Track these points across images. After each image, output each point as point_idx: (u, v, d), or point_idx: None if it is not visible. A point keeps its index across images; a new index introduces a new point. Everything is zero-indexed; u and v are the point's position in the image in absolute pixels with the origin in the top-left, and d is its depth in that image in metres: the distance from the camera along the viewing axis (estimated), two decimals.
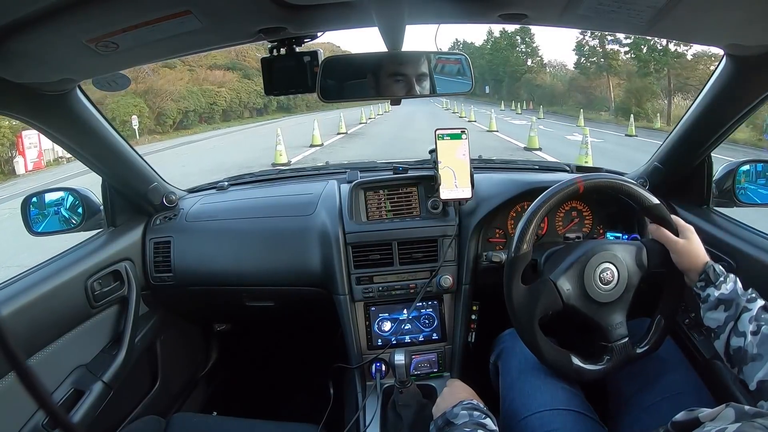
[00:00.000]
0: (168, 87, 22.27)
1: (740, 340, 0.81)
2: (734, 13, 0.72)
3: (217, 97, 25.96)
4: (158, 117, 21.46)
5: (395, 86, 1.01)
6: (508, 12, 0.80)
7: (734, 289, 0.86)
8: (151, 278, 1.41)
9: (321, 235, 1.36)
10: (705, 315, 0.89)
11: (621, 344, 0.98)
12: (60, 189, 1.33)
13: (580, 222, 1.41)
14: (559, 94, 33.61)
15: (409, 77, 1.01)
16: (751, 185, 1.25)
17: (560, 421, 0.91)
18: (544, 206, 0.96)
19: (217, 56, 29.25)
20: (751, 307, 0.83)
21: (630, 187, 0.97)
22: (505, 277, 0.97)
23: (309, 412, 1.22)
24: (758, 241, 1.09)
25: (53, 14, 0.63)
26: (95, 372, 1.16)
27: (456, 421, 0.83)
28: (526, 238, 0.96)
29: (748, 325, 0.81)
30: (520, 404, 0.98)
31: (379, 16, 0.79)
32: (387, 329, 1.34)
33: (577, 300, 0.96)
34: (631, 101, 23.71)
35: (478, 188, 1.34)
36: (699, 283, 0.91)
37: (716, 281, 0.88)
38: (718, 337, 0.86)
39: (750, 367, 0.77)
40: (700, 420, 0.63)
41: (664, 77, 23.99)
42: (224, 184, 1.67)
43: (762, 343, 0.77)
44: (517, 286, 0.96)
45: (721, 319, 0.85)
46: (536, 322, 0.96)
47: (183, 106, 22.79)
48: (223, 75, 28.59)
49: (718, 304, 0.87)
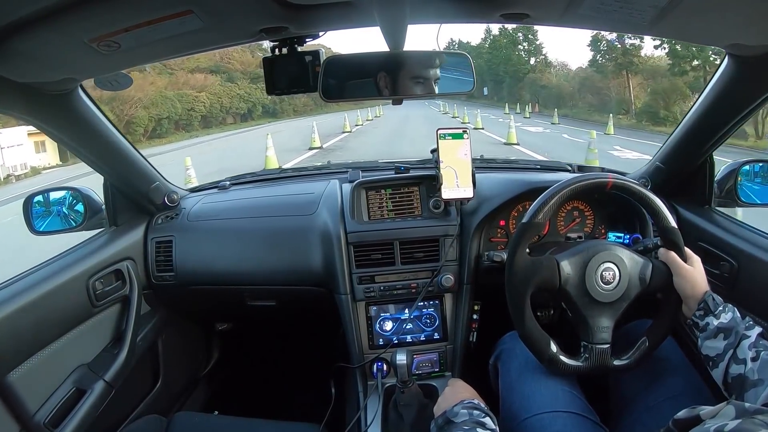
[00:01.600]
0: (137, 93, 21.11)
1: (740, 367, 0.81)
2: (736, 13, 0.72)
3: (195, 102, 24.58)
4: (127, 126, 20.12)
5: (397, 86, 1.01)
6: (510, 12, 0.80)
7: (734, 318, 0.87)
8: (153, 277, 1.41)
9: (322, 234, 1.36)
10: (703, 344, 0.89)
11: (600, 348, 0.98)
12: (62, 188, 1.33)
13: (582, 222, 1.41)
14: (567, 96, 30.95)
15: (410, 77, 1.01)
16: (752, 185, 1.24)
17: (560, 423, 0.91)
18: (570, 188, 0.98)
19: (200, 59, 28.13)
20: (749, 334, 0.84)
21: (655, 201, 0.98)
22: (512, 242, 0.98)
23: (310, 412, 1.22)
24: (760, 241, 1.09)
25: (55, 14, 0.63)
26: (97, 371, 1.17)
27: (456, 420, 0.83)
28: (544, 209, 0.97)
29: (748, 351, 0.81)
30: (519, 406, 0.98)
31: (381, 15, 0.79)
32: (388, 329, 1.34)
33: (573, 287, 0.97)
34: (659, 103, 20.72)
35: (479, 188, 1.34)
36: (698, 312, 0.91)
37: (715, 310, 0.89)
38: (717, 365, 0.86)
39: (751, 393, 0.77)
40: (701, 417, 0.63)
41: (701, 77, 20.05)
42: (226, 184, 1.67)
43: (762, 368, 0.78)
44: (521, 252, 0.97)
45: (720, 348, 0.86)
46: (529, 292, 0.96)
47: (155, 113, 21.69)
48: (205, 78, 27.30)
49: (718, 333, 0.87)
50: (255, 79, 31.57)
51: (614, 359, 0.99)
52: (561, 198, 0.98)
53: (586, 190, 0.99)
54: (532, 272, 0.97)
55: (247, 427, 1.14)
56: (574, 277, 0.97)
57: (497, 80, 42.28)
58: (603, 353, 0.98)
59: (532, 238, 0.99)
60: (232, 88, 29.11)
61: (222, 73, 30.00)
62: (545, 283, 0.97)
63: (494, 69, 42.15)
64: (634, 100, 24.88)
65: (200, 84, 26.61)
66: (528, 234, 0.98)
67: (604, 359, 0.98)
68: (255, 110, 31.27)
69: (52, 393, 1.07)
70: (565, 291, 0.97)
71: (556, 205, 0.98)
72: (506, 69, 41.20)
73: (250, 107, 30.58)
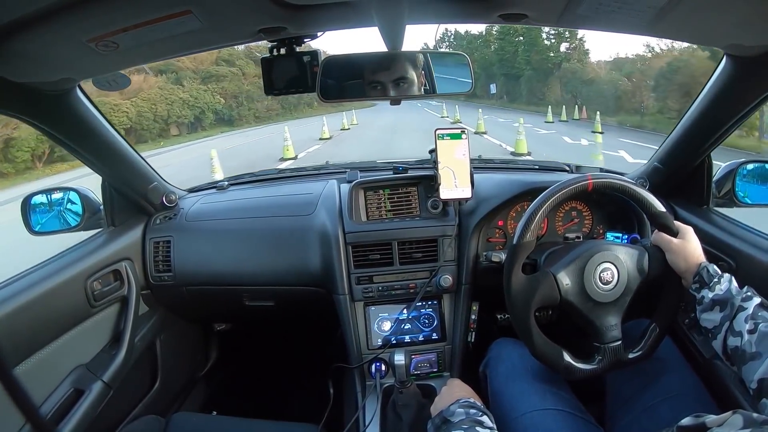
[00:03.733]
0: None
1: (737, 339, 0.80)
2: (734, 13, 0.72)
3: (114, 113, 18.94)
4: (4, 151, 14.52)
5: (395, 86, 1.01)
6: (508, 12, 0.80)
7: (729, 289, 0.86)
8: (151, 278, 1.41)
9: (321, 234, 1.36)
10: (701, 316, 0.89)
11: (613, 346, 0.98)
12: (60, 188, 1.33)
13: (580, 222, 1.41)
14: (626, 96, 19.36)
15: (409, 77, 1.01)
16: (751, 185, 1.24)
17: (551, 420, 0.92)
18: (552, 198, 0.97)
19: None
20: (746, 306, 0.82)
21: (638, 191, 0.98)
22: (506, 264, 0.97)
23: (308, 412, 1.21)
24: (758, 241, 1.09)
25: (54, 14, 0.63)
26: (95, 371, 1.17)
27: (453, 419, 0.83)
28: (531, 227, 0.96)
29: (744, 324, 0.80)
30: (509, 407, 0.98)
31: (379, 15, 0.79)
32: (387, 329, 1.34)
33: (574, 296, 0.97)
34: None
35: (477, 188, 1.34)
36: (694, 285, 0.91)
37: (710, 282, 0.88)
38: (715, 337, 0.86)
39: (749, 366, 0.76)
40: (707, 425, 0.62)
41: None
42: (224, 184, 1.67)
43: (760, 341, 0.77)
44: (517, 274, 0.96)
45: (717, 320, 0.85)
46: (532, 312, 0.96)
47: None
48: (144, 80, 21.37)
49: (713, 305, 0.86)
50: (207, 78, 25.96)
51: (628, 353, 0.99)
52: (544, 212, 0.97)
53: (567, 198, 0.99)
54: (531, 292, 0.96)
55: (246, 427, 1.14)
56: (574, 286, 0.97)
57: (512, 75, 30.42)
58: (616, 350, 0.98)
59: (524, 258, 0.98)
60: (174, 91, 22.79)
61: (170, 72, 24.19)
62: (546, 300, 0.96)
63: (508, 60, 30.84)
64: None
65: (134, 88, 20.40)
66: (519, 255, 0.97)
67: (619, 355, 0.98)
68: (205, 118, 24.63)
69: (51, 393, 1.07)
70: (568, 302, 0.97)
71: (542, 219, 0.97)
72: (528, 58, 29.01)
73: (198, 114, 24.15)
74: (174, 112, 22.85)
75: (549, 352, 0.97)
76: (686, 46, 16.80)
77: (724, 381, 1.03)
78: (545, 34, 28.23)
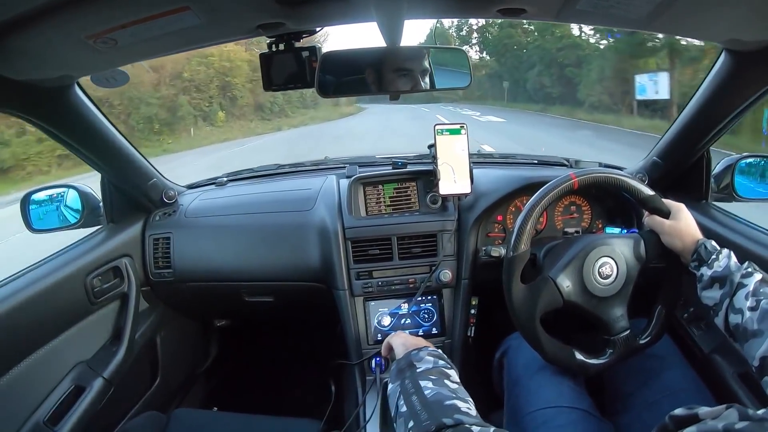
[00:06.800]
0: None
1: (738, 317, 0.79)
2: (733, 8, 0.72)
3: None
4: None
5: (394, 81, 1.01)
6: (507, 7, 0.80)
7: (728, 265, 0.84)
8: (151, 274, 1.41)
9: (320, 230, 1.36)
10: (701, 294, 0.88)
11: (623, 337, 0.98)
12: (59, 186, 1.33)
13: (579, 216, 1.42)
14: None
15: (407, 72, 1.01)
16: (749, 180, 1.25)
17: (565, 418, 0.91)
18: (540, 204, 0.96)
19: None
20: (747, 283, 0.80)
21: (624, 180, 0.97)
22: (504, 276, 0.97)
23: (309, 407, 1.22)
24: (757, 236, 1.09)
25: (52, 11, 0.62)
26: (96, 368, 1.17)
27: (420, 365, 0.80)
28: (524, 237, 0.95)
29: (745, 301, 0.78)
30: (524, 400, 0.98)
31: (378, 10, 0.79)
32: (387, 324, 1.35)
33: (577, 296, 0.97)
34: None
35: (477, 183, 1.34)
36: (692, 263, 0.89)
37: (708, 259, 0.86)
38: (717, 314, 0.84)
39: (750, 344, 0.75)
40: (700, 417, 0.61)
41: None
42: (223, 180, 1.66)
43: (762, 318, 0.75)
44: (516, 285, 0.96)
45: (717, 297, 0.84)
46: (537, 321, 0.95)
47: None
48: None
49: (713, 283, 0.85)
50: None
51: (638, 339, 0.99)
52: (535, 219, 0.96)
53: (555, 199, 0.98)
54: (533, 301, 0.95)
55: (246, 422, 1.14)
56: (575, 287, 0.97)
57: (543, 65, 21.55)
58: (627, 339, 0.98)
59: (521, 268, 0.97)
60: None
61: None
62: (549, 306, 0.96)
63: (527, 50, 23.91)
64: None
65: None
66: (515, 266, 0.96)
67: (630, 344, 0.98)
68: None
69: (52, 390, 1.07)
70: (572, 303, 0.97)
71: (534, 226, 0.97)
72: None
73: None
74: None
75: (561, 354, 0.97)
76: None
77: (723, 376, 1.04)
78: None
